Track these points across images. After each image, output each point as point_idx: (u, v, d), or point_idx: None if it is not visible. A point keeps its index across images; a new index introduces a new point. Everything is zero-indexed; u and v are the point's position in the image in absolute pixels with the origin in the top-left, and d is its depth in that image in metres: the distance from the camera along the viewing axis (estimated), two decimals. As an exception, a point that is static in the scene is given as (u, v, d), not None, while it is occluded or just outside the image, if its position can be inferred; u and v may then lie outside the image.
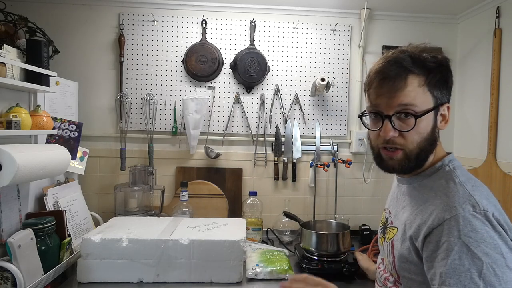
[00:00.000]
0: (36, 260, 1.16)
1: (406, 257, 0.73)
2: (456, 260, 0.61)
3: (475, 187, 0.69)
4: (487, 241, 0.61)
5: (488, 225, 0.62)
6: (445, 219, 0.65)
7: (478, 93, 1.90)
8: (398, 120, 0.72)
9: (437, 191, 0.71)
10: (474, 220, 0.63)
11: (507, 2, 1.71)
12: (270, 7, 1.95)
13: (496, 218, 0.64)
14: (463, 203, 0.65)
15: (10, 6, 1.53)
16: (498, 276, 0.59)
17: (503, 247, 0.61)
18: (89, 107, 1.91)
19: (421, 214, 0.71)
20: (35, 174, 1.17)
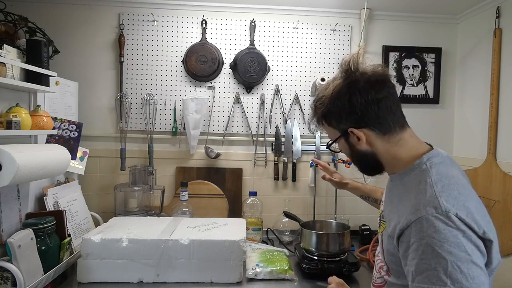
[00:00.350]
0: (36, 260, 1.16)
1: (392, 251, 0.79)
2: (423, 259, 0.65)
3: (445, 187, 0.71)
4: (450, 240, 0.64)
5: (451, 225, 0.65)
6: (411, 221, 0.69)
7: (478, 93, 1.90)
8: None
9: (410, 192, 0.76)
10: (436, 222, 0.66)
11: (507, 2, 1.71)
12: (270, 7, 1.95)
13: (459, 217, 0.66)
14: (427, 205, 0.68)
15: (10, 6, 1.53)
16: (464, 273, 0.62)
17: (467, 244, 0.64)
18: (89, 107, 1.91)
19: (397, 213, 0.77)
20: (35, 174, 1.17)
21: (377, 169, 0.89)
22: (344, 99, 0.80)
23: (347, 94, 0.79)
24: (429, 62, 2.06)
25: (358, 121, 0.81)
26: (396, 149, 0.82)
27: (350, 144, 0.86)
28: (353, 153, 0.87)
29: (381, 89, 0.80)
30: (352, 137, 0.84)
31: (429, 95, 2.07)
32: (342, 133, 0.85)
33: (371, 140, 0.82)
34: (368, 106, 0.79)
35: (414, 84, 2.06)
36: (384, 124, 0.81)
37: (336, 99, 0.81)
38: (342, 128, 0.84)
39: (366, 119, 0.80)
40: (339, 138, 0.87)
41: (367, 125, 0.81)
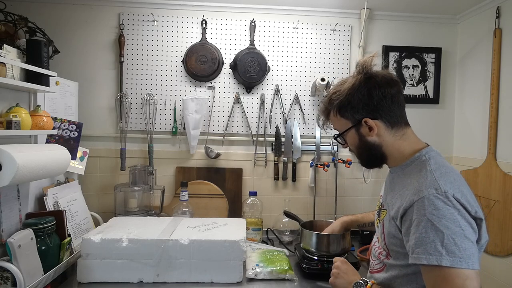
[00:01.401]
0: (36, 260, 1.16)
1: (393, 233, 0.88)
2: (423, 233, 0.75)
3: (443, 174, 0.82)
4: (447, 217, 0.74)
5: (448, 204, 0.75)
6: (414, 201, 0.79)
7: (478, 93, 1.90)
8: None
9: (412, 178, 0.86)
10: (436, 200, 0.76)
11: (507, 2, 1.71)
12: (270, 7, 1.95)
13: (456, 198, 0.76)
14: (428, 187, 0.78)
15: (10, 6, 1.53)
16: (457, 244, 0.72)
17: (461, 221, 0.74)
18: (89, 107, 1.91)
19: (400, 198, 0.86)
20: (35, 174, 1.17)
21: (380, 161, 0.97)
22: (364, 91, 0.90)
23: (366, 87, 0.90)
24: (429, 62, 2.06)
25: (373, 112, 0.90)
26: (400, 143, 0.93)
27: (360, 134, 0.94)
28: (361, 144, 0.94)
29: (394, 86, 0.92)
30: (364, 128, 0.92)
31: (429, 95, 2.07)
32: (355, 124, 0.93)
33: (380, 131, 0.91)
34: (384, 98, 0.90)
35: (414, 84, 2.06)
36: (394, 117, 0.91)
37: (356, 91, 0.91)
38: (357, 118, 0.92)
39: (380, 111, 0.90)
40: (351, 129, 0.94)
41: (380, 116, 0.91)
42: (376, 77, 0.92)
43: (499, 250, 1.70)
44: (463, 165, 1.98)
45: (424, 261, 0.74)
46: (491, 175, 1.76)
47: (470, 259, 0.72)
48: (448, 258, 0.71)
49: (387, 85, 0.91)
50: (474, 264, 0.72)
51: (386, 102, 0.90)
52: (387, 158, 0.95)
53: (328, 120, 1.02)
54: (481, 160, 1.83)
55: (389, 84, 0.91)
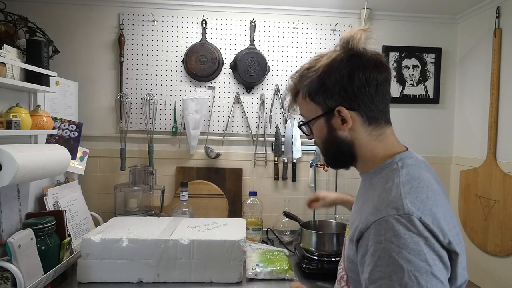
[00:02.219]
0: (36, 260, 1.16)
1: (351, 258, 0.71)
2: (378, 267, 0.58)
3: (413, 189, 0.64)
4: (410, 247, 0.56)
5: (412, 230, 0.58)
6: (371, 223, 0.62)
7: (478, 93, 1.90)
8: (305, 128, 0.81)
9: (375, 191, 0.69)
10: (397, 225, 0.58)
11: (507, 2, 1.71)
12: (270, 7, 1.95)
13: (423, 222, 0.58)
14: (389, 205, 0.61)
15: (10, 6, 1.53)
16: (421, 285, 0.55)
17: (428, 253, 0.57)
18: (89, 107, 1.91)
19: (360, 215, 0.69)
20: (35, 174, 1.17)
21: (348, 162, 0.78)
22: (344, 71, 0.70)
23: (348, 67, 0.70)
24: (429, 62, 2.06)
25: (351, 100, 0.71)
26: (375, 144, 0.74)
27: (330, 126, 0.74)
28: (330, 138, 0.76)
29: (383, 71, 0.72)
30: (336, 119, 0.73)
31: (429, 95, 2.07)
32: (326, 112, 0.73)
33: (355, 126, 0.73)
34: (367, 85, 0.70)
35: (414, 84, 2.06)
36: (374, 111, 0.72)
37: (334, 70, 0.71)
38: (329, 105, 0.72)
39: (359, 100, 0.71)
40: (320, 118, 0.75)
41: (359, 108, 0.72)
42: (362, 56, 0.72)
43: (499, 250, 1.70)
44: (463, 165, 1.98)
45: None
46: (491, 175, 1.76)
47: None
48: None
49: (375, 69, 0.71)
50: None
51: (369, 90, 0.70)
52: (356, 160, 0.77)
53: (295, 102, 0.81)
54: (481, 160, 1.83)
55: (377, 67, 0.71)
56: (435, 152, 2.09)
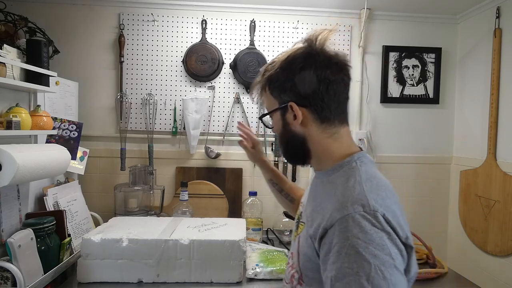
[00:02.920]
0: (36, 260, 1.16)
1: (309, 256, 0.71)
2: (345, 263, 0.59)
3: (374, 187, 0.67)
4: (376, 242, 0.59)
5: (377, 226, 0.60)
6: (336, 219, 0.63)
7: (478, 93, 1.90)
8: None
9: (337, 189, 0.70)
10: (363, 221, 0.60)
11: (507, 2, 1.71)
12: (270, 7, 1.95)
13: (386, 218, 0.61)
14: (355, 202, 0.63)
15: (10, 6, 1.53)
16: (386, 278, 0.57)
17: (392, 248, 0.59)
18: (89, 107, 1.91)
19: (322, 212, 0.69)
20: (35, 174, 1.17)
21: (303, 158, 0.81)
22: (297, 68, 0.73)
23: (302, 63, 0.73)
24: (429, 62, 2.06)
25: (302, 97, 0.74)
26: (330, 142, 0.76)
27: (284, 120, 0.78)
28: (285, 132, 0.79)
29: (337, 72, 0.73)
30: (289, 114, 0.76)
31: (429, 95, 2.07)
32: (281, 106, 0.77)
33: (307, 122, 0.75)
34: (317, 84, 0.72)
35: (414, 84, 2.06)
36: (326, 110, 0.74)
37: (288, 65, 0.75)
38: (283, 99, 0.76)
39: (310, 97, 0.73)
40: (276, 111, 0.79)
41: (310, 105, 0.74)
42: (318, 56, 0.73)
43: (499, 250, 1.70)
44: (463, 165, 1.98)
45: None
46: (491, 175, 1.76)
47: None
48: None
49: (327, 68, 0.72)
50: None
51: (319, 89, 0.72)
52: (311, 156, 0.79)
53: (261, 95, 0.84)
54: (481, 160, 1.83)
55: (331, 67, 0.73)
56: (435, 152, 2.09)
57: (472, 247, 1.89)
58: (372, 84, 2.04)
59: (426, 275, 1.40)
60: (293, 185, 1.18)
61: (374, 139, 2.05)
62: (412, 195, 2.07)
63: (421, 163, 2.07)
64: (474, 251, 1.87)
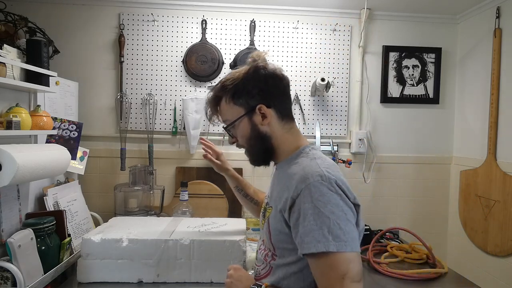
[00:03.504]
0: (36, 260, 1.16)
1: (279, 229, 0.85)
2: (311, 221, 0.75)
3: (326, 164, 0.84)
4: (332, 202, 0.76)
5: (332, 189, 0.77)
6: (301, 189, 0.79)
7: (478, 93, 1.90)
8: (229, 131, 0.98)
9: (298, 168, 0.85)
10: (322, 187, 0.77)
11: (507, 2, 1.71)
12: (270, 7, 1.95)
13: (338, 184, 0.79)
14: (314, 174, 0.79)
15: (10, 6, 1.53)
16: (342, 229, 0.74)
17: (344, 206, 0.77)
18: (89, 107, 1.91)
19: (288, 188, 0.83)
20: (35, 174, 1.17)
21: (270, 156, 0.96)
22: (261, 77, 0.90)
23: (263, 73, 0.91)
24: (429, 62, 2.06)
25: (268, 99, 0.90)
26: (288, 136, 0.93)
27: (253, 123, 0.91)
28: (253, 134, 0.92)
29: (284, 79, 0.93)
30: (257, 116, 0.90)
31: (429, 95, 2.07)
32: (249, 110, 0.91)
33: (272, 121, 0.91)
34: (277, 88, 0.91)
35: (414, 84, 2.06)
36: (285, 109, 0.93)
37: (252, 76, 0.90)
38: (251, 104, 0.90)
39: (274, 99, 0.91)
40: (244, 116, 0.91)
41: (274, 105, 0.91)
42: (269, 68, 0.92)
43: (499, 250, 1.70)
44: (463, 165, 1.98)
45: (313, 249, 0.73)
46: (491, 175, 1.76)
47: (353, 242, 0.74)
48: (334, 243, 0.72)
49: (278, 77, 0.92)
50: (357, 246, 0.76)
51: (278, 91, 0.92)
52: (275, 152, 0.94)
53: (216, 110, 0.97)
54: (481, 160, 1.83)
55: (279, 76, 0.92)
56: (435, 152, 2.09)
57: (472, 247, 1.89)
58: (372, 84, 2.04)
59: (426, 275, 1.40)
60: (256, 190, 1.31)
61: (374, 139, 2.05)
62: (412, 195, 2.07)
63: (421, 163, 2.07)
64: (474, 251, 1.87)
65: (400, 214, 2.07)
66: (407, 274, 1.39)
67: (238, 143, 0.99)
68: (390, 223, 2.01)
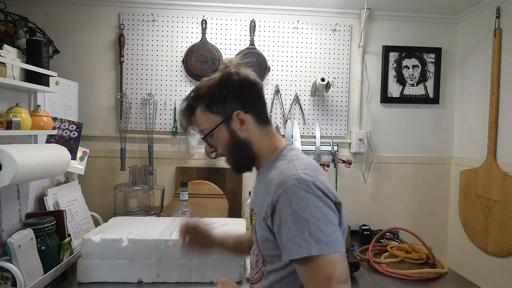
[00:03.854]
0: (36, 260, 1.16)
1: (265, 237, 0.84)
2: (291, 226, 0.74)
3: (303, 165, 0.82)
4: (311, 204, 0.75)
5: (310, 192, 0.76)
6: (279, 194, 0.78)
7: (478, 93, 1.90)
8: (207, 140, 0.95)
9: (276, 172, 0.84)
10: (299, 190, 0.76)
11: (507, 2, 1.71)
12: (270, 7, 1.95)
13: (316, 185, 0.77)
14: (291, 178, 0.78)
15: (10, 6, 1.53)
16: (323, 231, 0.73)
17: (323, 207, 0.76)
18: (89, 107, 1.91)
19: (268, 194, 0.83)
20: (35, 174, 1.17)
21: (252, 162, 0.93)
22: (236, 83, 0.88)
23: (238, 79, 0.88)
24: (429, 62, 2.06)
25: (244, 105, 0.88)
26: (267, 140, 0.92)
27: (231, 130, 0.89)
28: (232, 141, 0.90)
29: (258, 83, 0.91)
30: (235, 122, 0.88)
31: (429, 95, 2.07)
32: (226, 118, 0.88)
33: (250, 126, 0.89)
34: (252, 93, 0.90)
35: (414, 84, 2.06)
36: (262, 113, 0.92)
37: (227, 82, 0.88)
38: (228, 111, 0.88)
39: (251, 104, 0.89)
40: (221, 124, 0.89)
41: (251, 110, 0.89)
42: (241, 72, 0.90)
43: (499, 250, 1.70)
44: (463, 165, 1.98)
45: (296, 255, 0.73)
46: (491, 175, 1.76)
47: (336, 243, 0.74)
48: (317, 246, 0.72)
49: (252, 82, 0.90)
50: (340, 247, 0.75)
51: (253, 96, 0.90)
52: (256, 157, 0.92)
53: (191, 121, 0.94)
54: (481, 160, 1.83)
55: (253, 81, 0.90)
56: (435, 152, 2.09)
57: (472, 247, 1.89)
58: (372, 84, 2.04)
59: (426, 275, 1.41)
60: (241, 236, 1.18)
61: (374, 139, 2.05)
62: (412, 195, 2.07)
63: (421, 163, 2.07)
64: (474, 251, 1.87)
65: (400, 214, 2.07)
66: (407, 274, 1.39)
67: (217, 153, 0.96)
68: (390, 223, 2.01)
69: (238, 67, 0.91)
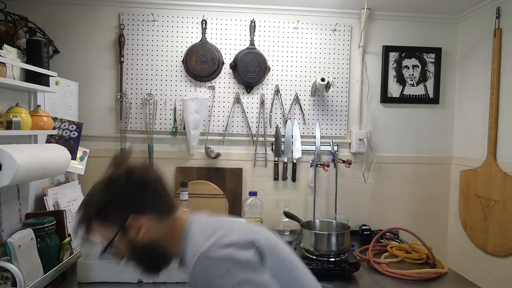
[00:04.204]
0: (36, 260, 1.16)
1: None
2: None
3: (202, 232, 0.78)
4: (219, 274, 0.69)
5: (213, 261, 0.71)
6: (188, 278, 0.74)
7: (478, 93, 1.90)
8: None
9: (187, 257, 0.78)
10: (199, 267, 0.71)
11: (507, 2, 1.71)
12: (270, 7, 1.95)
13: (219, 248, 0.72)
14: (192, 256, 0.73)
15: (10, 6, 1.53)
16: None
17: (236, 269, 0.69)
18: (89, 107, 1.91)
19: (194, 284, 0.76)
20: (35, 174, 1.17)
21: (164, 259, 0.87)
22: (123, 186, 0.80)
23: (123, 183, 0.81)
24: (429, 62, 2.06)
25: (139, 207, 0.81)
26: (173, 229, 0.84)
27: (130, 238, 0.81)
28: (136, 250, 0.82)
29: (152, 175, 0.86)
30: (132, 229, 0.80)
31: (429, 95, 2.07)
32: (121, 227, 0.80)
33: (151, 228, 0.81)
34: (145, 191, 0.81)
35: (414, 84, 2.06)
36: (162, 207, 0.83)
37: (112, 187, 0.81)
38: (121, 219, 0.80)
39: (146, 204, 0.81)
40: (119, 233, 0.80)
41: (148, 211, 0.81)
42: (135, 171, 0.84)
43: (499, 250, 1.70)
44: (463, 165, 1.98)
45: None
46: (491, 175, 1.76)
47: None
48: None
49: (143, 183, 0.83)
50: None
51: (148, 195, 0.82)
52: (169, 252, 0.85)
53: (90, 231, 0.84)
54: (481, 160, 1.83)
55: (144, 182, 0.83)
56: (435, 152, 2.09)
57: (472, 247, 1.89)
58: (372, 84, 2.04)
59: (426, 275, 1.41)
60: None
61: (374, 139, 2.05)
62: (412, 195, 2.07)
63: (421, 163, 2.07)
64: (474, 251, 1.87)
65: (400, 214, 2.07)
66: (407, 274, 1.40)
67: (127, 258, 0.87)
68: (390, 223, 2.01)
69: (129, 164, 0.85)
